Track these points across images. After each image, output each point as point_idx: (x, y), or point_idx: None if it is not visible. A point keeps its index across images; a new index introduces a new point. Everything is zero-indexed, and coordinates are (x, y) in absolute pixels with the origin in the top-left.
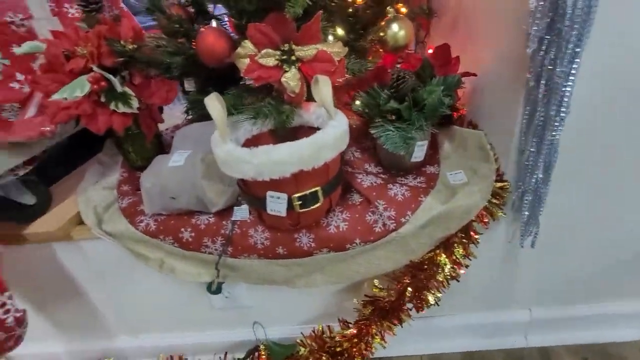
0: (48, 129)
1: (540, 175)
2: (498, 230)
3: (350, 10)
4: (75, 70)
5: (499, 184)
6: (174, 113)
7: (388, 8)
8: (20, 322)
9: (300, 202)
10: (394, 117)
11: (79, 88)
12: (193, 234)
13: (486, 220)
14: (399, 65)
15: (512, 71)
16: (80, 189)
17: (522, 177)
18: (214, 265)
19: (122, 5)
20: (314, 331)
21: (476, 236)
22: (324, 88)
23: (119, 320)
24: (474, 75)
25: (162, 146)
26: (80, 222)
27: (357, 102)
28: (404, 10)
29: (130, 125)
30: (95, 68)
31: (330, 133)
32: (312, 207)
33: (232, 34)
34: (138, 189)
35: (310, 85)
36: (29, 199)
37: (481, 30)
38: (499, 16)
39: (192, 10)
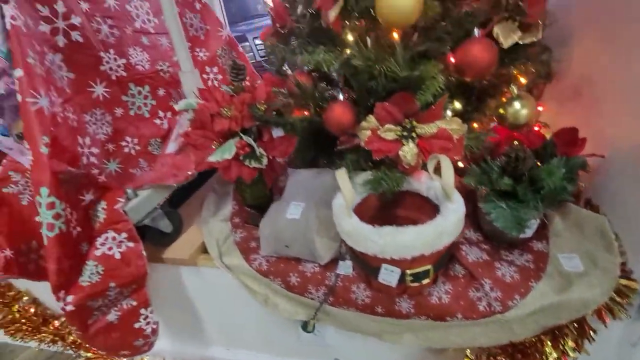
0: (191, 173)
1: None
2: (615, 327)
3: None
4: (220, 131)
5: (624, 282)
6: None
7: (511, 86)
8: (155, 332)
9: (412, 278)
10: (506, 192)
11: (228, 152)
12: (299, 280)
13: (605, 316)
14: (516, 142)
15: None
16: (203, 220)
17: None
18: (313, 310)
19: (220, 26)
20: None
21: (591, 332)
22: (447, 171)
23: (217, 332)
24: (602, 157)
25: (272, 189)
26: (204, 251)
27: (468, 175)
28: (523, 80)
29: None
30: (244, 137)
31: (451, 219)
32: (422, 283)
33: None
34: (247, 222)
35: (427, 161)
36: (168, 227)
37: (613, 102)
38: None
39: (315, 75)
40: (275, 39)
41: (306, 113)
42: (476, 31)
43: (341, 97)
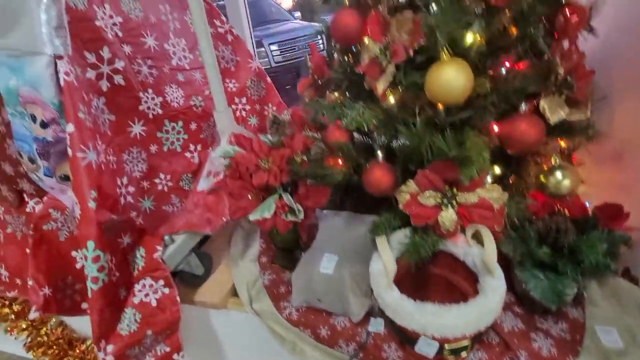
0: (225, 220)
1: None
2: None
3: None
4: (258, 184)
5: None
6: None
7: (553, 156)
8: None
9: (450, 352)
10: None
11: (267, 211)
12: (329, 332)
13: None
14: (556, 210)
15: None
16: (233, 260)
17: None
18: None
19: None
20: None
21: None
22: (489, 245)
23: None
24: None
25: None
26: (234, 294)
27: (505, 241)
28: (563, 143)
29: None
30: (284, 196)
31: (494, 299)
32: (460, 356)
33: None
34: (274, 261)
35: (465, 227)
36: (200, 269)
37: None
38: None
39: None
40: (313, 90)
41: (340, 162)
42: (523, 106)
43: (380, 157)
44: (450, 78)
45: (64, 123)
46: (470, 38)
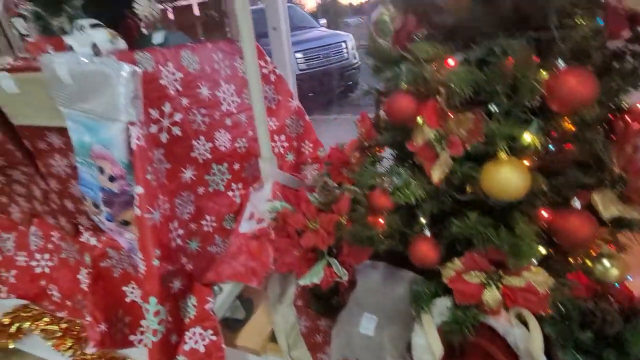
0: (266, 274)
1: None
2: None
3: None
4: (306, 246)
5: None
6: None
7: (603, 246)
8: None
9: None
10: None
11: (316, 277)
12: None
13: None
14: (601, 297)
15: None
16: (272, 305)
17: None
18: None
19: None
20: None
21: None
22: (535, 335)
23: None
24: None
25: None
26: (273, 338)
27: (547, 323)
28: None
29: None
30: (333, 265)
31: None
32: None
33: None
34: (309, 306)
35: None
36: (242, 314)
37: None
38: None
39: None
40: (360, 153)
41: (382, 222)
42: (577, 203)
43: (427, 233)
44: (508, 177)
45: (130, 179)
46: (528, 138)
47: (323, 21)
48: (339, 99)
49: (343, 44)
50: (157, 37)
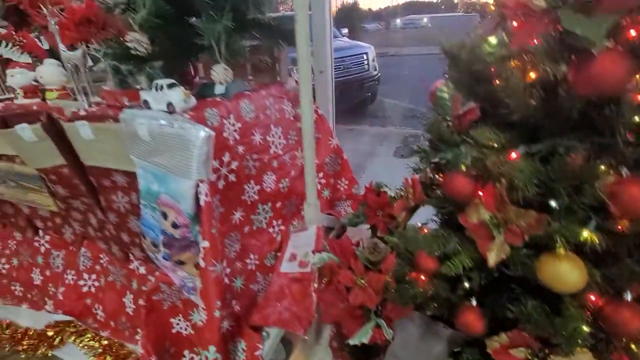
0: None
1: None
2: None
3: None
4: (355, 303)
5: None
6: None
7: None
8: None
9: None
10: None
11: (364, 337)
12: None
13: None
14: None
15: None
16: (309, 347)
17: None
18: None
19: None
20: None
21: None
22: None
23: None
24: None
25: None
26: None
27: None
28: None
29: None
30: (382, 326)
31: None
32: None
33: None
34: (343, 348)
35: None
36: (282, 354)
37: None
38: None
39: None
40: (406, 214)
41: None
42: (629, 296)
43: (474, 302)
44: (566, 273)
45: (193, 228)
46: (585, 234)
47: (345, 31)
48: (357, 110)
49: (364, 56)
50: (219, 88)
